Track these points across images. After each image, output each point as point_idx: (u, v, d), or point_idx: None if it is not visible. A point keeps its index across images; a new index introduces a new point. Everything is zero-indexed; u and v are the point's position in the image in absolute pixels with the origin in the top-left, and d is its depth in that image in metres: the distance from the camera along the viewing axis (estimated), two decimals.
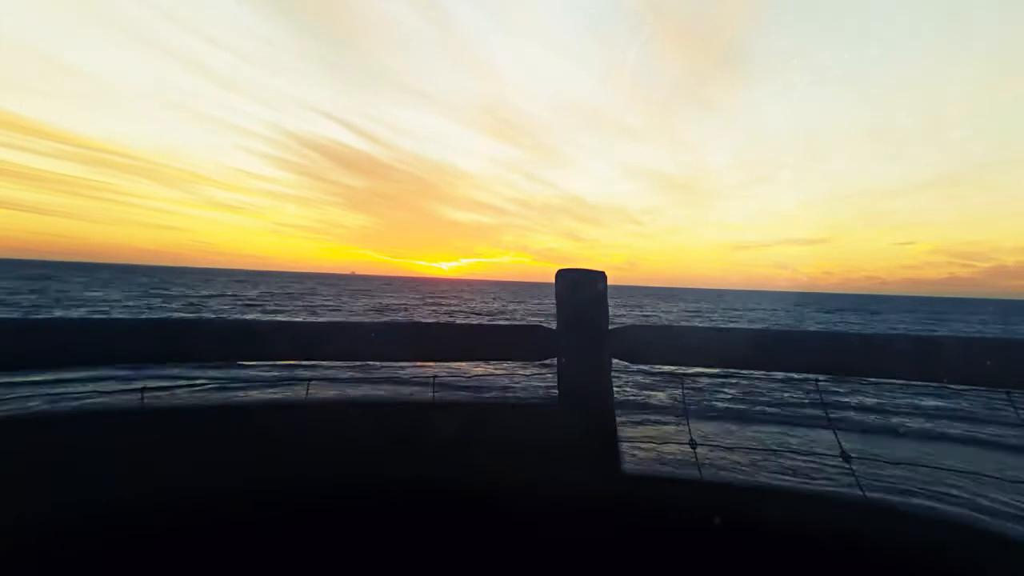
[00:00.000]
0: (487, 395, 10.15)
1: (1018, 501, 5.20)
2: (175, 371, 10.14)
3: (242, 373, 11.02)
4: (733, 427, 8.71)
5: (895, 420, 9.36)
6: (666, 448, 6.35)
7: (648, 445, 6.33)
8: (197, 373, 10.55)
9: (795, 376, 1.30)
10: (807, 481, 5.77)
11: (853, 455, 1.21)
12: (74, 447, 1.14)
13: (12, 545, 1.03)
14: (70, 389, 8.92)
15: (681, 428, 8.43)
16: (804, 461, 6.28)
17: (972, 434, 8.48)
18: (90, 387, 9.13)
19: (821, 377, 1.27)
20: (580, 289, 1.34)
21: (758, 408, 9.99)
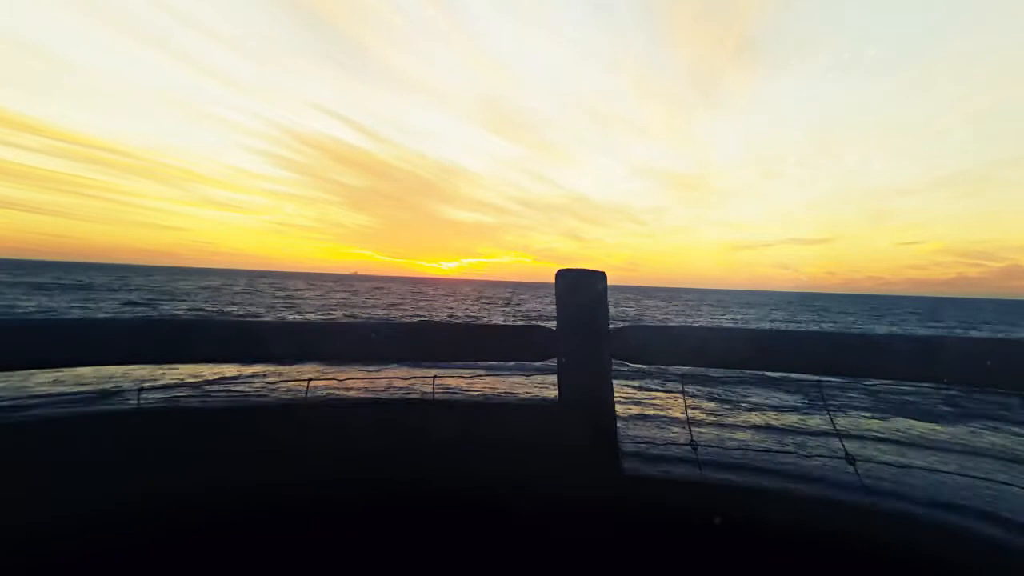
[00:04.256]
0: (487, 395, 10.15)
1: (1020, 505, 5.18)
2: (175, 371, 10.13)
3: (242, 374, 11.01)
4: (733, 427, 8.70)
5: (900, 421, 9.35)
6: (666, 449, 6.34)
7: (648, 446, 6.32)
8: (197, 373, 10.54)
9: (797, 376, 1.29)
10: (809, 483, 5.75)
11: (857, 457, 1.21)
12: (73, 448, 1.14)
13: (11, 546, 1.03)
14: (70, 389, 8.91)
15: (681, 428, 8.43)
16: (806, 462, 6.26)
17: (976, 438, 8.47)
18: (89, 387, 9.12)
19: (824, 377, 1.27)
20: (580, 289, 1.34)
21: (760, 409, 9.98)
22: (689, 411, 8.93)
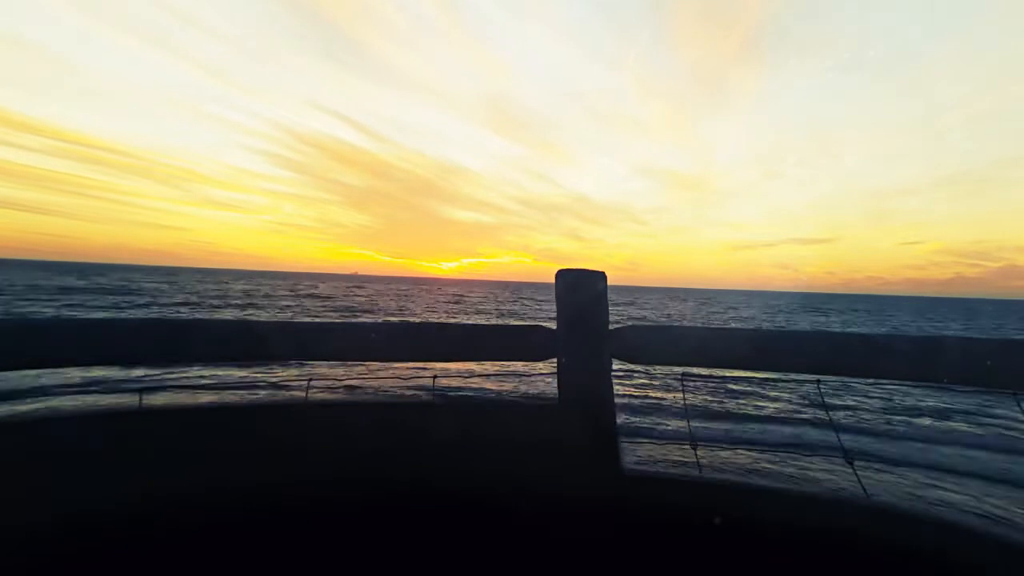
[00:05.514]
0: (487, 395, 10.15)
1: (1020, 505, 5.20)
2: (174, 371, 10.13)
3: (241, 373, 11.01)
4: (734, 427, 8.71)
5: (898, 421, 9.35)
6: (666, 448, 6.35)
7: (648, 445, 6.33)
8: (197, 373, 10.55)
9: (797, 376, 1.30)
10: (809, 482, 5.77)
11: (855, 456, 1.21)
12: (73, 448, 1.14)
13: (11, 546, 1.03)
14: (70, 389, 8.91)
15: (681, 428, 8.44)
16: (806, 462, 6.27)
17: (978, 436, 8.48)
18: (90, 387, 9.12)
19: (823, 377, 1.27)
20: (580, 289, 1.34)
21: (759, 408, 9.98)
22: (688, 410, 8.92)
